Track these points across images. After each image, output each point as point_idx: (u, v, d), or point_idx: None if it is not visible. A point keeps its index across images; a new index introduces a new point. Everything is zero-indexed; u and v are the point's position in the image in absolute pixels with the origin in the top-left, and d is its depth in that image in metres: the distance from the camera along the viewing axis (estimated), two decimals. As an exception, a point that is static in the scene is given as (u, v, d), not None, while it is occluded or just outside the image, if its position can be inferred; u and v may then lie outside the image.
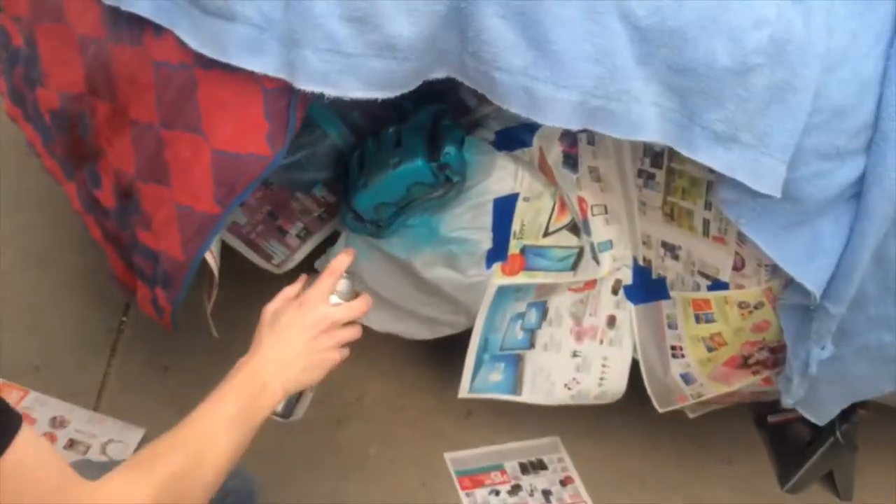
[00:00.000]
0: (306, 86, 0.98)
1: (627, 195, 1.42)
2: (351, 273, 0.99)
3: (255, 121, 1.03)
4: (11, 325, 1.62)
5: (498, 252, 1.38)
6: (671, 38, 1.01)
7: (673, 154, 1.27)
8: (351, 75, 0.98)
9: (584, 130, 1.34)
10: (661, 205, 1.38)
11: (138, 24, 1.09)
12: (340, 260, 0.98)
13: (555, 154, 1.40)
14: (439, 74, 1.06)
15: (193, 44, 1.02)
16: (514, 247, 1.39)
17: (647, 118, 1.06)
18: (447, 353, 1.59)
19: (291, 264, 1.58)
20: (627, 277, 1.51)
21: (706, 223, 1.34)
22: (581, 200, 1.45)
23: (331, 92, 0.98)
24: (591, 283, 1.52)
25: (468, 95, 1.42)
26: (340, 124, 1.44)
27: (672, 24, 1.01)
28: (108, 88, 1.17)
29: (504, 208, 1.34)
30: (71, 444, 1.47)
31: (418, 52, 0.99)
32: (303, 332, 0.92)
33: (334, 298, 0.97)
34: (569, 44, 0.99)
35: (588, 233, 1.46)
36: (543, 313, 1.53)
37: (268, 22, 0.99)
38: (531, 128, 1.38)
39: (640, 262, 1.49)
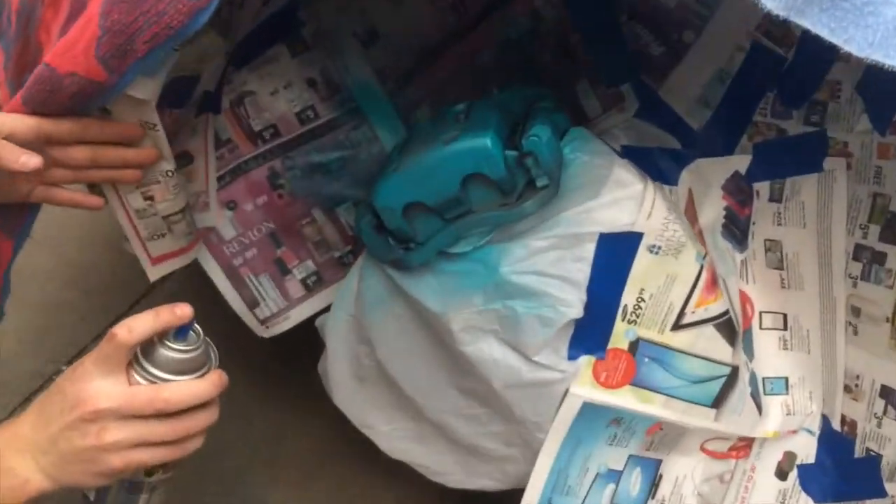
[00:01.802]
0: None
1: (828, 296, 0.84)
2: (198, 332, 0.61)
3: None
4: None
5: (593, 334, 0.81)
6: None
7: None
8: None
9: (774, 162, 0.83)
10: (892, 316, 0.79)
11: None
12: (181, 307, 0.60)
13: (713, 210, 0.88)
14: None
15: None
16: (620, 333, 0.82)
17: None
18: (510, 498, 0.97)
19: (284, 325, 1.01)
20: (808, 451, 0.89)
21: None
22: (745, 299, 0.89)
23: None
24: (744, 448, 0.90)
25: (589, 100, 0.95)
26: (399, 126, 0.99)
27: None
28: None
29: (616, 253, 0.79)
30: None
31: None
32: (60, 415, 0.58)
33: (144, 372, 0.59)
34: None
35: (749, 355, 0.88)
36: (654, 482, 0.92)
37: None
38: (679, 156, 0.87)
39: (835, 426, 0.87)
